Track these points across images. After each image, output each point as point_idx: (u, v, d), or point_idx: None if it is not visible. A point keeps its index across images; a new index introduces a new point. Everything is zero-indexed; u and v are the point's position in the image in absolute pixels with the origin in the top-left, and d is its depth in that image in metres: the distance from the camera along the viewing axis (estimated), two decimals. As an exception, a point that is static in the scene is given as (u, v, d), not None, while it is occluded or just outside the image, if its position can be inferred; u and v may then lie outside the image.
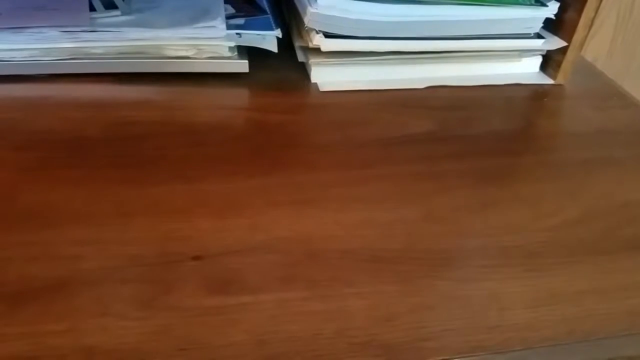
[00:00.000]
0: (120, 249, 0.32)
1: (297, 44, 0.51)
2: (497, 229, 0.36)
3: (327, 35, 0.47)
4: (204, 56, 0.47)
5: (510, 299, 0.31)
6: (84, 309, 0.28)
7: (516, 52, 0.53)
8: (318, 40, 0.47)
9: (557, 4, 0.51)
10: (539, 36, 0.52)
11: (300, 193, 0.37)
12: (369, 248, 0.33)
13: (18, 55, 0.45)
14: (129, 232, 0.33)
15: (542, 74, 0.55)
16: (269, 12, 0.52)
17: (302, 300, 0.30)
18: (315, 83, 0.50)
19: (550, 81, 0.54)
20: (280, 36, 0.49)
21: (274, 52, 0.48)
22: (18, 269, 0.30)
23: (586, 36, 0.51)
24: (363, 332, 0.28)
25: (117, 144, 0.40)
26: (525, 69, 0.55)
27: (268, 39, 0.49)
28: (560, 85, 0.54)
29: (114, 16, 0.47)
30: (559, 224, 0.37)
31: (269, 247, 0.33)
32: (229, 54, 0.48)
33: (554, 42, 0.52)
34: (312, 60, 0.49)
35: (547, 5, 0.50)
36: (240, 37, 0.48)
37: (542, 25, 0.52)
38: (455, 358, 0.28)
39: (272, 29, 0.49)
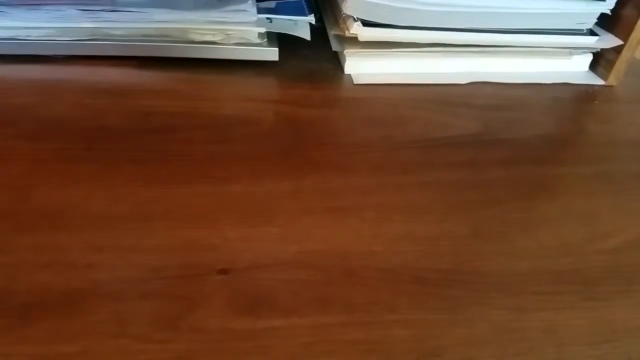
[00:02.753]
0: (140, 257, 0.29)
1: (332, 32, 0.47)
2: (551, 250, 0.32)
3: (365, 24, 0.44)
4: (232, 42, 0.44)
5: (568, 333, 0.28)
6: (100, 328, 0.26)
7: (567, 49, 0.49)
8: (356, 29, 0.43)
9: (615, -1, 0.46)
10: (591, 33, 0.48)
11: (335, 199, 0.34)
12: (412, 267, 0.30)
13: (34, 34, 0.42)
14: (149, 238, 0.30)
15: (592, 73, 0.51)
16: (301, -4, 0.48)
17: (339, 327, 0.27)
18: (349, 75, 0.47)
19: (601, 82, 0.50)
20: (314, 22, 0.46)
21: (306, 40, 0.45)
22: (29, 277, 0.28)
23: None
24: (408, 369, 0.25)
25: (137, 136, 0.37)
26: (574, 67, 0.51)
27: (300, 25, 0.46)
28: (611, 86, 0.50)
29: (137, -5, 0.44)
30: (618, 245, 0.33)
31: (302, 262, 0.30)
32: (258, 40, 0.44)
33: (609, 40, 0.48)
34: (348, 50, 0.46)
35: (604, 0, 0.46)
36: (271, 22, 0.45)
37: (595, 21, 0.48)
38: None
39: (304, 14, 0.46)
